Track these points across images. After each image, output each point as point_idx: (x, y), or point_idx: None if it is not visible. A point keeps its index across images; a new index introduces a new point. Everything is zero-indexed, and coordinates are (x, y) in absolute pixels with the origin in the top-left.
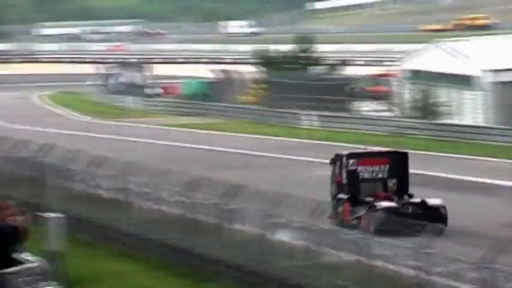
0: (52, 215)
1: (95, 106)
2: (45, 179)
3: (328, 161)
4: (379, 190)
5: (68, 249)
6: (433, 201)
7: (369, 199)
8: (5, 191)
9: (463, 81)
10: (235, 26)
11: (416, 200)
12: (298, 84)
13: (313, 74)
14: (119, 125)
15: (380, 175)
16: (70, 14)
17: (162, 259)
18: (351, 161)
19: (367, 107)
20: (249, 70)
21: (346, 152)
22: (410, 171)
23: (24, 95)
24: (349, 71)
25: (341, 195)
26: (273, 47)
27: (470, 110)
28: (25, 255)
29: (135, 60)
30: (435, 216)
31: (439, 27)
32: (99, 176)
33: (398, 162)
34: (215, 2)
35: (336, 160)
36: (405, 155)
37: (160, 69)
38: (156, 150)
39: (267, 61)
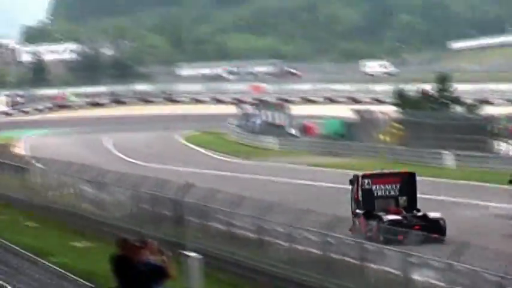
0: (191, 254)
1: (235, 146)
2: (184, 218)
3: (470, 201)
4: (391, 206)
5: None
6: (433, 214)
7: (381, 213)
8: (147, 230)
9: None
10: (374, 66)
11: (420, 213)
12: (436, 123)
13: (452, 113)
14: (259, 165)
15: (392, 193)
16: (208, 54)
17: None
18: (366, 181)
19: (507, 147)
20: (387, 109)
21: (361, 173)
22: None
23: (166, 135)
24: (488, 110)
25: (358, 211)
26: (411, 87)
27: None
28: None
29: (274, 100)
30: (435, 227)
31: None
32: (238, 216)
33: (408, 182)
34: (353, 42)
35: (354, 180)
36: (413, 175)
37: (298, 109)
38: (296, 189)
39: (405, 100)
